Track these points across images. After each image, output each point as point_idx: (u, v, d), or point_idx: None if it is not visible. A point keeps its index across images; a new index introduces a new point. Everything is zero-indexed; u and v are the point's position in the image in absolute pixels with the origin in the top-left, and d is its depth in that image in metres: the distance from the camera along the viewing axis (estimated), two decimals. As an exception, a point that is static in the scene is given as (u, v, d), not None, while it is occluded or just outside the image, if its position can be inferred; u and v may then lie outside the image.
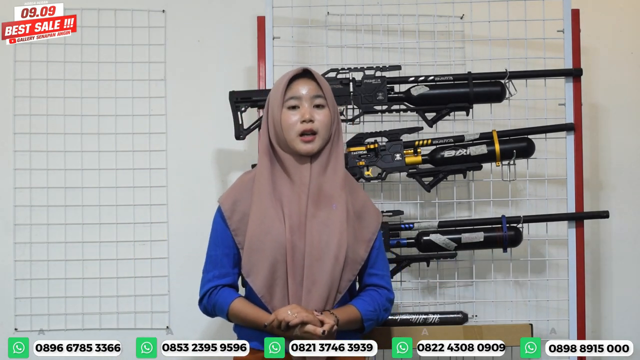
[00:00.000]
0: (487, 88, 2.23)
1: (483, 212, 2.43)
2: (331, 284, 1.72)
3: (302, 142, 1.73)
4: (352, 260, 1.76)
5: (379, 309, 1.81)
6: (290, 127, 1.73)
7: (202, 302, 1.80)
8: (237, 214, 1.75)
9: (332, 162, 1.77)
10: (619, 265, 2.59)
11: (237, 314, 1.75)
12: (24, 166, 2.46)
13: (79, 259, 2.46)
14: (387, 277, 1.85)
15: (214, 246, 1.79)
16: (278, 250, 1.71)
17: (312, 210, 1.73)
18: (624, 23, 2.62)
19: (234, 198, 1.77)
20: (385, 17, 2.41)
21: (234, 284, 1.80)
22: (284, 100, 1.75)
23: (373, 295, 1.81)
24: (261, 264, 1.72)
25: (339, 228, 1.73)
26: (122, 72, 2.50)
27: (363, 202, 1.82)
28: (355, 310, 1.77)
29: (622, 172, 2.60)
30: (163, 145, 2.51)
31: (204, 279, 1.80)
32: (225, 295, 1.77)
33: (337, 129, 1.79)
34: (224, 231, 1.77)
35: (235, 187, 1.80)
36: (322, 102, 1.76)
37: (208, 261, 1.80)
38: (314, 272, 1.71)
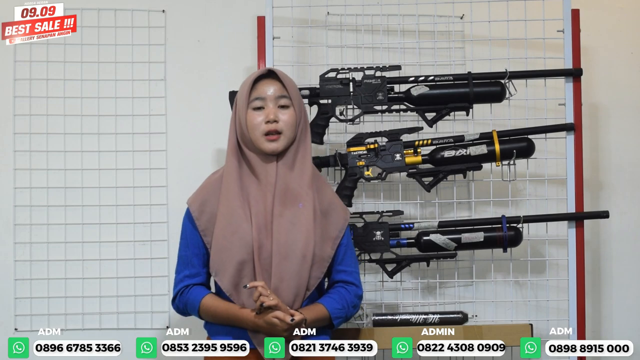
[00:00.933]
0: (487, 88, 2.23)
1: (483, 212, 2.43)
2: (299, 282, 1.75)
3: (266, 141, 1.76)
4: (320, 258, 1.79)
5: (347, 306, 1.84)
6: (255, 127, 1.77)
7: (175, 302, 1.84)
8: (206, 214, 1.79)
9: (298, 161, 1.80)
10: (619, 265, 2.59)
11: (208, 309, 1.77)
12: (24, 166, 2.46)
13: (79, 259, 2.46)
14: (355, 274, 1.88)
15: (184, 247, 1.82)
16: (245, 249, 1.74)
17: (278, 209, 1.75)
18: (624, 23, 2.62)
19: (202, 199, 1.80)
20: (385, 17, 2.41)
21: (204, 282, 1.84)
22: (249, 100, 1.79)
23: (341, 293, 1.84)
24: (228, 262, 1.75)
25: (305, 226, 1.75)
26: (122, 72, 2.50)
27: (330, 200, 1.85)
28: (323, 308, 1.80)
29: (622, 172, 2.60)
30: (163, 145, 2.51)
31: (175, 280, 1.84)
32: (196, 293, 1.80)
33: (304, 129, 1.82)
34: (192, 232, 1.80)
35: (202, 188, 1.84)
36: (287, 103, 1.80)
37: (179, 262, 1.84)
38: (281, 270, 1.73)
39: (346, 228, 1.87)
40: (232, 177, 1.78)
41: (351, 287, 1.86)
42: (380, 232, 2.20)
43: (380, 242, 2.20)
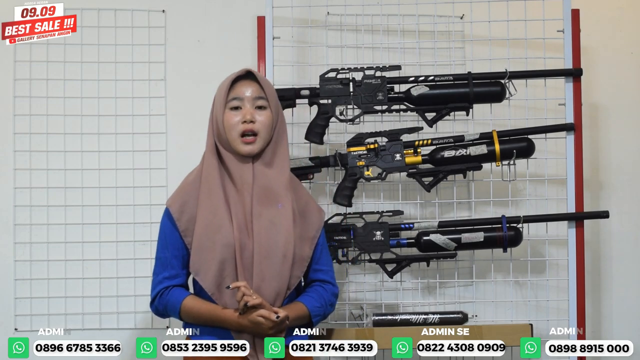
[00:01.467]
0: (487, 88, 2.23)
1: (483, 212, 2.43)
2: (280, 281, 1.76)
3: (242, 143, 1.78)
4: (300, 258, 1.81)
5: (325, 305, 1.86)
6: (232, 127, 1.78)
7: (154, 304, 1.83)
8: (186, 215, 1.79)
9: (275, 161, 1.82)
10: (619, 265, 2.59)
11: (189, 310, 1.77)
12: (24, 166, 2.46)
13: (79, 259, 2.46)
14: (331, 272, 1.91)
15: (163, 248, 1.82)
16: (227, 249, 1.74)
17: (257, 209, 1.77)
18: (624, 23, 2.62)
19: (182, 200, 1.80)
20: (385, 17, 2.41)
21: (184, 284, 1.83)
22: (226, 100, 1.80)
23: (319, 291, 1.87)
24: (210, 262, 1.75)
25: (285, 226, 1.77)
26: (122, 72, 2.50)
27: (306, 201, 1.87)
28: (303, 307, 1.81)
29: (622, 172, 2.60)
30: (163, 145, 2.51)
31: (154, 281, 1.83)
32: (177, 295, 1.79)
33: (280, 130, 1.84)
34: (172, 233, 1.80)
35: (181, 189, 1.84)
36: (264, 104, 1.81)
37: (157, 263, 1.83)
38: (263, 270, 1.75)
39: (322, 228, 1.89)
40: (212, 178, 1.79)
41: (328, 286, 1.89)
42: (380, 232, 2.20)
43: (380, 242, 2.20)
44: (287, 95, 2.23)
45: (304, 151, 2.38)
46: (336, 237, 2.20)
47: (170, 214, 1.80)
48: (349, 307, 2.34)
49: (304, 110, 2.32)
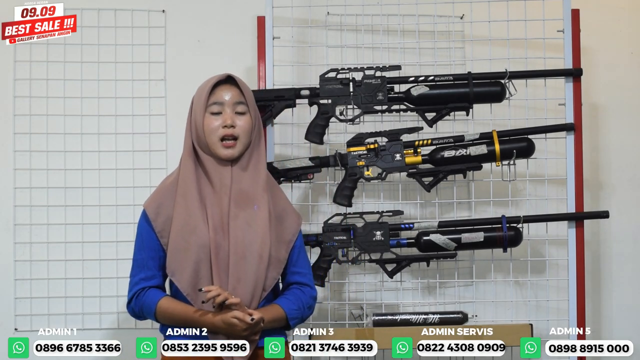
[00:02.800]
0: (487, 88, 2.23)
1: (483, 212, 2.43)
2: (256, 282, 1.76)
3: (223, 147, 1.79)
4: (276, 259, 1.81)
5: (303, 307, 1.85)
6: (212, 132, 1.79)
7: (130, 305, 1.82)
8: (162, 216, 1.79)
9: (252, 164, 1.82)
10: (619, 265, 2.59)
11: (164, 311, 1.77)
12: (24, 166, 2.46)
13: (79, 259, 2.46)
14: (309, 275, 1.90)
15: (139, 250, 1.82)
16: (202, 249, 1.75)
17: (234, 211, 1.77)
18: (624, 23, 2.62)
19: (158, 202, 1.81)
20: (385, 17, 2.41)
21: (160, 285, 1.83)
22: (207, 105, 1.81)
23: (297, 294, 1.85)
24: (186, 263, 1.75)
25: (261, 228, 1.77)
26: (122, 72, 2.50)
27: (283, 206, 1.87)
28: (280, 309, 1.80)
29: (622, 172, 2.60)
30: (163, 145, 2.51)
31: (130, 283, 1.83)
32: (152, 296, 1.79)
33: (258, 134, 1.85)
34: (149, 234, 1.80)
35: (158, 191, 1.84)
36: (244, 109, 1.82)
37: (134, 265, 1.83)
38: (239, 270, 1.75)
39: (299, 232, 1.89)
40: (188, 180, 1.79)
41: (306, 289, 1.88)
42: (380, 232, 2.20)
43: (380, 242, 2.20)
44: (287, 95, 2.24)
45: (304, 151, 2.38)
46: (336, 237, 2.20)
47: (147, 215, 1.80)
48: (349, 307, 2.34)
49: (304, 110, 2.32)
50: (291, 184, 2.28)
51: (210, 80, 1.84)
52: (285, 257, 1.84)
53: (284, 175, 2.23)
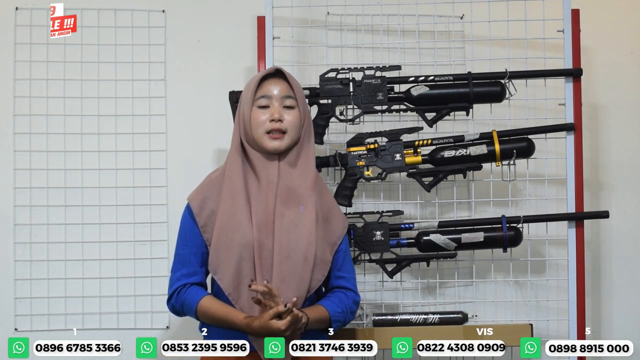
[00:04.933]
0: (487, 88, 2.23)
1: (483, 212, 2.43)
2: (300, 283, 1.74)
3: (269, 138, 1.75)
4: (321, 261, 1.78)
5: (346, 311, 1.83)
6: (259, 125, 1.76)
7: (171, 301, 1.81)
8: (206, 210, 1.77)
9: (301, 162, 1.79)
10: (619, 265, 2.59)
11: (205, 311, 1.75)
12: (24, 166, 2.46)
13: (79, 259, 2.46)
14: (353, 280, 1.88)
15: (182, 245, 1.80)
16: (245, 248, 1.72)
17: (280, 210, 1.74)
18: (624, 23, 2.62)
19: (203, 195, 1.79)
20: (385, 17, 2.41)
21: (202, 282, 1.81)
22: (254, 98, 1.78)
23: (341, 297, 1.83)
24: (228, 261, 1.73)
25: (308, 228, 1.75)
26: (122, 72, 2.50)
27: (330, 207, 1.85)
28: (324, 310, 1.78)
29: (622, 172, 2.60)
30: (163, 145, 2.51)
31: (172, 278, 1.81)
32: (194, 294, 1.77)
33: (307, 130, 1.82)
34: (192, 229, 1.78)
35: (203, 185, 1.82)
36: (293, 103, 1.79)
37: (176, 260, 1.81)
38: (283, 270, 1.72)
39: (345, 236, 1.87)
40: (235, 175, 1.76)
41: (350, 293, 1.86)
42: (380, 232, 2.20)
43: (380, 242, 2.20)
44: (287, 95, 2.23)
45: (304, 151, 2.38)
46: (336, 237, 2.20)
47: (191, 209, 1.78)
48: (349, 307, 2.34)
49: (304, 110, 2.31)
50: (291, 184, 2.28)
51: (258, 73, 1.81)
52: (330, 259, 1.81)
53: (284, 175, 2.23)
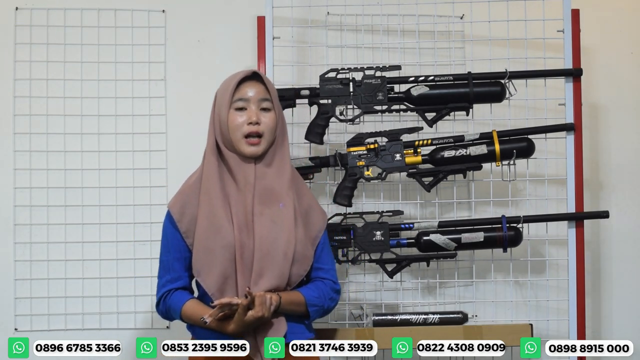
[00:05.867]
0: (487, 88, 2.23)
1: (483, 212, 2.43)
2: (279, 279, 1.75)
3: (247, 144, 1.77)
4: (303, 256, 1.80)
5: (323, 297, 1.84)
6: (237, 128, 1.77)
7: (159, 307, 1.83)
8: (187, 216, 1.78)
9: (276, 162, 1.81)
10: (619, 265, 2.59)
11: (190, 315, 1.76)
12: (24, 166, 2.46)
13: (79, 259, 2.46)
14: (332, 271, 1.90)
15: (165, 252, 1.81)
16: (227, 249, 1.73)
17: (258, 209, 1.76)
18: (624, 23, 2.62)
19: (182, 202, 1.79)
20: (385, 17, 2.41)
21: (186, 286, 1.82)
22: (232, 101, 1.78)
23: (317, 284, 1.85)
24: (212, 263, 1.74)
25: (287, 225, 1.76)
26: (122, 72, 2.50)
27: (309, 202, 1.87)
28: (298, 293, 1.80)
29: (622, 172, 2.60)
30: (163, 145, 2.51)
31: (158, 285, 1.83)
32: (178, 298, 1.79)
33: (282, 131, 1.84)
34: (174, 235, 1.79)
35: (182, 191, 1.82)
36: (269, 106, 1.80)
37: (161, 267, 1.83)
38: (262, 266, 1.74)
39: (324, 230, 1.89)
40: (212, 178, 1.78)
41: (327, 282, 1.88)
42: (380, 232, 2.20)
43: (380, 242, 2.20)
44: (287, 95, 2.23)
45: (304, 151, 2.38)
46: (336, 237, 2.20)
47: (171, 216, 1.79)
48: (349, 307, 2.34)
49: (304, 110, 2.32)
50: (291, 184, 2.28)
51: (235, 75, 1.81)
52: (312, 254, 1.83)
53: (284, 175, 2.23)
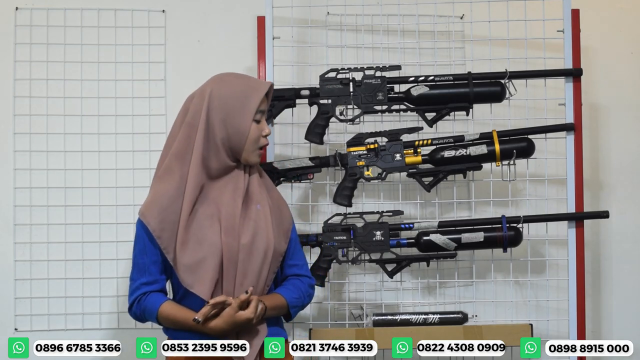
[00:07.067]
0: (487, 88, 2.23)
1: (483, 212, 2.43)
2: (260, 278, 1.77)
3: (257, 155, 1.80)
4: (278, 254, 1.82)
5: (303, 296, 1.87)
6: (256, 140, 1.78)
7: (132, 309, 1.79)
8: (167, 232, 1.73)
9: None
10: (619, 265, 2.59)
11: (166, 316, 1.75)
12: (24, 166, 2.46)
13: (79, 259, 2.46)
14: (305, 266, 1.93)
15: (141, 254, 1.77)
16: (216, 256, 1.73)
17: (243, 212, 1.77)
18: (624, 23, 2.62)
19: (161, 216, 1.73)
20: (385, 17, 2.41)
21: (163, 289, 1.80)
22: (256, 111, 1.77)
23: (296, 284, 1.87)
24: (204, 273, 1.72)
25: (265, 225, 1.78)
26: (122, 72, 2.50)
27: (277, 197, 1.89)
28: (280, 297, 1.81)
29: (622, 172, 2.60)
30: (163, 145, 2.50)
31: (131, 287, 1.79)
32: (154, 300, 1.76)
33: None
34: (152, 242, 1.75)
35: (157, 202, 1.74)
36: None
37: (135, 269, 1.78)
38: (246, 267, 1.75)
39: (293, 224, 1.90)
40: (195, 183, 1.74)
41: (304, 279, 1.89)
42: (380, 232, 2.20)
43: (380, 242, 2.20)
44: (287, 95, 2.24)
45: (304, 151, 2.38)
46: (336, 237, 2.20)
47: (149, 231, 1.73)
48: (349, 307, 2.34)
49: (304, 110, 2.32)
50: (291, 184, 2.29)
51: (262, 86, 1.79)
52: (284, 249, 1.84)
53: (284, 175, 2.23)
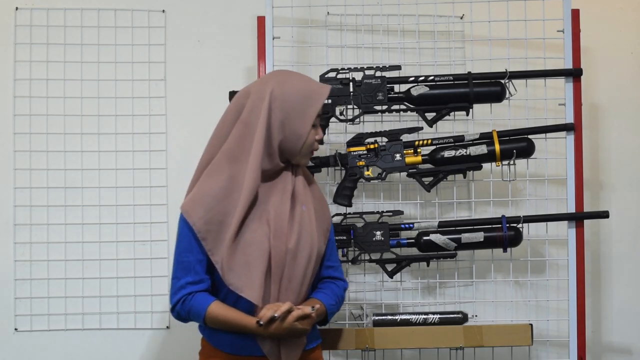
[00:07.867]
0: (487, 88, 2.23)
1: (483, 212, 2.43)
2: (304, 280, 1.76)
3: (309, 158, 1.81)
4: (319, 256, 1.82)
5: (339, 302, 1.87)
6: (310, 145, 1.78)
7: (175, 309, 1.74)
8: (212, 233, 1.69)
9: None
10: (619, 265, 2.59)
11: (215, 317, 1.71)
12: (24, 166, 2.46)
13: (79, 259, 2.46)
14: (340, 268, 1.93)
15: (187, 252, 1.72)
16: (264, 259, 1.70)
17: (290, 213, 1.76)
18: (624, 23, 2.62)
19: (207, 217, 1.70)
20: (385, 17, 2.41)
21: (208, 289, 1.75)
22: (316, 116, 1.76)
23: (333, 289, 1.87)
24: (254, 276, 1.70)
25: (310, 227, 1.77)
26: (122, 72, 2.50)
27: (319, 195, 1.88)
28: (322, 306, 1.81)
29: (622, 172, 2.60)
30: (163, 145, 2.51)
31: (175, 286, 1.73)
32: (201, 300, 1.72)
33: None
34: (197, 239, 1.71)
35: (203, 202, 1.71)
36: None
37: (179, 267, 1.73)
38: (291, 271, 1.74)
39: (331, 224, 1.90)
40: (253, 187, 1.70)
41: (340, 282, 1.90)
42: (380, 232, 2.20)
43: (380, 242, 2.20)
44: (287, 95, 2.23)
45: (304, 151, 2.38)
46: (336, 237, 2.20)
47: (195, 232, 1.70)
48: (349, 307, 2.34)
49: (304, 110, 2.31)
50: (291, 184, 2.28)
51: (322, 90, 1.76)
52: (324, 250, 1.84)
53: (284, 175, 2.23)
